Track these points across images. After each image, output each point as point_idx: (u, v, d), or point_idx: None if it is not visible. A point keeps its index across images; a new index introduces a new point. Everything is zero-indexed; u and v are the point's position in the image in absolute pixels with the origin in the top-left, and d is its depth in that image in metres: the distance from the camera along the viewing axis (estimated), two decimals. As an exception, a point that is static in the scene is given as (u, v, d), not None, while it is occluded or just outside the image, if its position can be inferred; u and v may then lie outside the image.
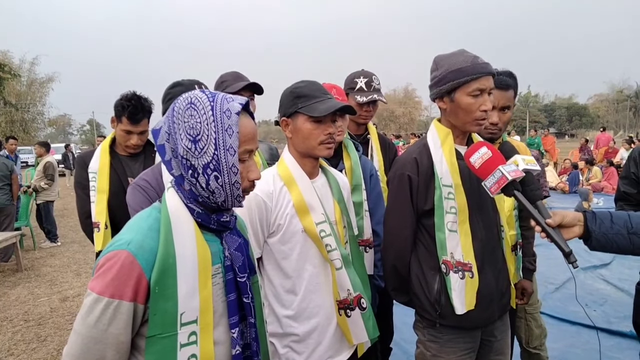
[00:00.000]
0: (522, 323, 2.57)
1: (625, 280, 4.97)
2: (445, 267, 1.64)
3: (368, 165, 2.30)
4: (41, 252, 7.30)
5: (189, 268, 1.06)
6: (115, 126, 2.49)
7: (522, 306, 2.52)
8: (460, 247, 1.63)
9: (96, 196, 2.44)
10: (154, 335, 1.01)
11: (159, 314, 1.02)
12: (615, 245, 1.42)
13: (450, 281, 1.63)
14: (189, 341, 1.05)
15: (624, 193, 2.40)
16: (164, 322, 1.02)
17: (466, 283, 1.63)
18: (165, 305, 1.02)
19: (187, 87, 1.75)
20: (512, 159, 1.51)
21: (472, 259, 1.64)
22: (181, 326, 1.04)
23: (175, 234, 1.05)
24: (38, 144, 8.59)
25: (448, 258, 1.63)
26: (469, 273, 1.63)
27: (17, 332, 4.22)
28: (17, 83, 28.40)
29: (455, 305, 1.61)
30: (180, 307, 1.03)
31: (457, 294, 1.62)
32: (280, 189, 1.65)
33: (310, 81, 1.71)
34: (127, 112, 2.40)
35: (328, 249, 1.63)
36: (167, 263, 1.02)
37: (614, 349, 3.46)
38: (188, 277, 1.05)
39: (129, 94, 2.44)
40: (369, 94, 2.51)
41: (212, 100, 1.07)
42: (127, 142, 2.49)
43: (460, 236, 1.64)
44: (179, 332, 1.04)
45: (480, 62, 1.59)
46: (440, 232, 1.64)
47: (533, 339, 2.57)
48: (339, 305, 1.68)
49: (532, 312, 2.57)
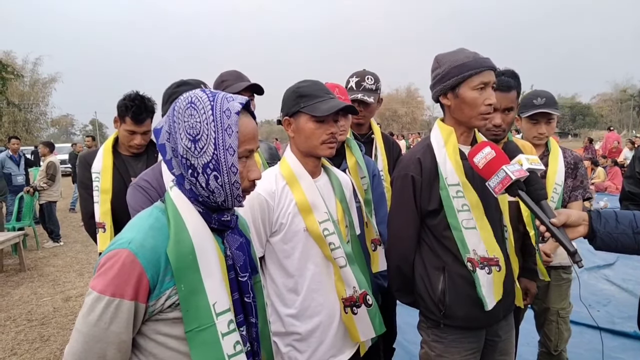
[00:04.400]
0: (553, 326, 2.56)
1: (629, 281, 4.95)
2: (471, 265, 1.62)
3: (371, 165, 2.30)
4: (44, 252, 7.33)
5: (211, 261, 1.07)
6: (119, 126, 2.49)
7: (555, 309, 2.54)
8: (483, 243, 1.63)
9: (99, 196, 2.44)
10: (192, 329, 1.03)
11: (191, 310, 1.03)
12: (620, 245, 1.41)
13: (477, 278, 1.61)
14: (230, 329, 1.07)
15: (629, 193, 2.39)
16: (198, 316, 1.04)
17: (494, 277, 1.63)
18: (196, 300, 1.04)
19: (192, 87, 1.74)
20: (516, 159, 1.50)
21: (499, 252, 1.64)
22: (217, 316, 1.06)
23: (190, 231, 1.06)
24: (42, 143, 8.63)
25: (472, 255, 1.62)
26: (496, 267, 1.63)
27: (20, 331, 4.23)
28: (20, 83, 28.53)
29: (485, 302, 1.61)
30: (211, 299, 1.05)
31: (486, 290, 1.61)
32: (283, 188, 1.65)
33: (313, 81, 1.71)
34: (131, 112, 2.40)
35: (332, 247, 1.63)
36: (187, 260, 1.03)
37: (618, 349, 3.45)
38: (212, 269, 1.07)
39: (132, 94, 2.44)
40: (353, 94, 2.47)
41: (212, 100, 1.06)
42: (130, 142, 2.49)
43: (481, 232, 1.63)
44: (216, 322, 1.05)
45: (482, 57, 1.61)
46: (457, 231, 1.63)
47: (562, 341, 2.57)
48: (345, 303, 1.68)
49: (565, 316, 2.56)
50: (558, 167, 2.45)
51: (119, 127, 2.50)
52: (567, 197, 2.51)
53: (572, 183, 2.52)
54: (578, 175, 2.53)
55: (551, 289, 2.54)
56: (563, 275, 2.56)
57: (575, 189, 2.53)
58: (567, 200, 2.52)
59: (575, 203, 2.52)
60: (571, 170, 2.52)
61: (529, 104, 2.48)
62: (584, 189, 2.54)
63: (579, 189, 2.53)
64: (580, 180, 2.54)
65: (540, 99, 2.46)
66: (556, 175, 2.43)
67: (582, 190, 2.54)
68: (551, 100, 2.47)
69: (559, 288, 2.55)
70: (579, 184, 2.53)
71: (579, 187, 2.53)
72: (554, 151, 2.51)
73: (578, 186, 2.53)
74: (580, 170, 2.54)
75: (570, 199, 2.52)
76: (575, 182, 2.53)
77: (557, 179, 2.42)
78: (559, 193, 2.41)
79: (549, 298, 2.54)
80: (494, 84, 1.63)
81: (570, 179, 2.52)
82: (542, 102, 2.45)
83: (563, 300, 2.55)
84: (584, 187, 2.55)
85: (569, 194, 2.52)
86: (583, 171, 2.56)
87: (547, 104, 2.44)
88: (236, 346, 1.08)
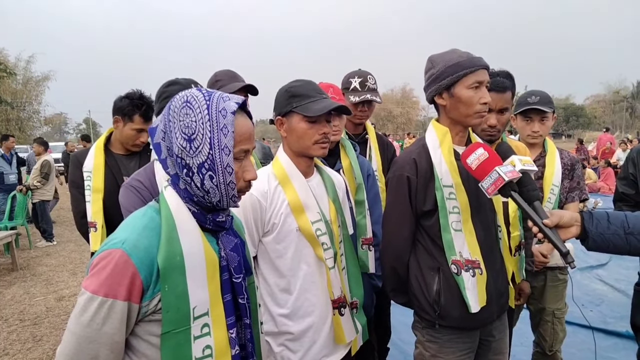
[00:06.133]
0: (549, 326, 2.56)
1: (621, 281, 4.98)
2: (456, 267, 1.63)
3: (365, 165, 2.30)
4: (37, 251, 7.27)
5: (197, 264, 1.07)
6: (122, 125, 2.46)
7: (551, 310, 2.55)
8: (467, 246, 1.64)
9: (91, 195, 2.42)
10: (169, 331, 1.03)
11: (172, 311, 1.02)
12: (612, 246, 1.42)
13: (462, 281, 1.62)
14: (202, 333, 1.07)
15: (623, 194, 2.40)
16: (177, 319, 1.03)
17: (477, 280, 1.63)
18: (177, 302, 1.03)
19: (183, 86, 1.73)
20: (509, 160, 1.51)
21: (479, 255, 1.65)
22: (194, 319, 1.05)
23: (180, 232, 1.05)
24: (36, 142, 8.51)
25: (457, 257, 1.63)
26: (478, 270, 1.63)
27: (12, 331, 4.20)
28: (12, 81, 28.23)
29: (470, 304, 1.61)
30: (192, 302, 1.04)
31: (470, 292, 1.62)
32: (275, 188, 1.65)
33: (305, 80, 1.70)
34: (142, 111, 2.41)
35: (324, 247, 1.63)
36: (174, 261, 1.02)
37: (610, 349, 3.47)
38: (197, 273, 1.06)
39: (137, 93, 2.44)
40: (362, 94, 2.49)
41: (208, 99, 1.06)
42: (136, 140, 2.48)
43: (466, 234, 1.64)
44: (192, 325, 1.05)
45: (475, 56, 1.62)
46: (446, 232, 1.63)
47: (557, 342, 2.58)
48: (334, 304, 1.68)
49: (560, 317, 2.57)
50: (555, 168, 2.46)
51: (121, 126, 2.47)
52: (563, 198, 2.52)
53: (569, 184, 2.54)
54: (574, 177, 2.55)
55: (547, 290, 2.55)
56: (559, 276, 2.56)
57: (571, 190, 2.54)
58: (564, 201, 2.53)
59: (571, 204, 2.53)
60: (568, 171, 2.53)
61: (523, 102, 2.50)
62: (580, 190, 2.56)
63: (575, 190, 2.54)
64: (577, 181, 2.55)
65: (534, 97, 2.47)
66: (553, 176, 2.44)
67: (579, 191, 2.55)
68: (545, 99, 2.48)
69: (555, 289, 2.56)
70: (575, 185, 2.55)
71: (576, 188, 2.55)
72: (551, 152, 2.52)
73: (575, 187, 2.54)
74: (576, 172, 2.55)
75: (566, 200, 2.53)
76: (572, 184, 2.54)
77: (554, 180, 2.43)
78: (556, 194, 2.42)
79: (545, 298, 2.55)
80: (487, 83, 1.64)
81: (567, 180, 2.53)
82: (536, 100, 2.46)
83: (559, 300, 2.56)
84: (581, 188, 2.56)
85: (565, 195, 2.53)
86: (579, 172, 2.57)
87: (541, 102, 2.45)
88: (205, 350, 1.07)
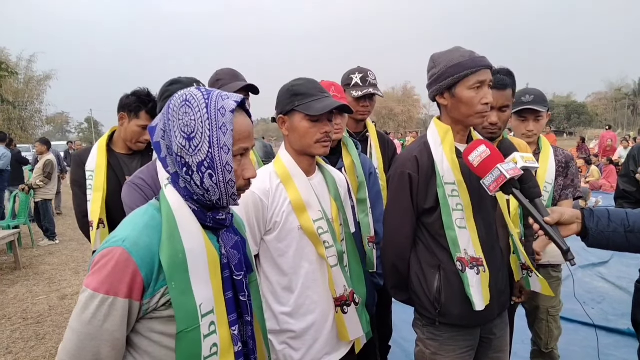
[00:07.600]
0: (544, 324, 2.56)
1: (623, 278, 4.98)
2: (461, 264, 1.63)
3: (367, 163, 2.30)
4: (39, 250, 7.30)
5: (199, 262, 1.07)
6: (127, 123, 2.45)
7: (545, 308, 2.55)
8: (471, 243, 1.64)
9: (92, 194, 2.42)
10: (182, 330, 1.03)
11: (182, 310, 1.03)
12: (612, 243, 1.42)
13: (467, 278, 1.62)
14: (210, 331, 1.08)
15: (624, 191, 2.40)
16: (187, 317, 1.04)
17: (481, 278, 1.63)
18: (185, 299, 1.04)
19: (185, 85, 1.73)
20: (511, 157, 1.51)
21: (481, 253, 1.65)
22: (202, 317, 1.06)
23: (181, 230, 1.06)
24: (39, 141, 8.51)
25: (462, 255, 1.63)
26: (482, 267, 1.63)
27: (15, 330, 4.21)
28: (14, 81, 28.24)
29: (474, 302, 1.61)
30: (197, 300, 1.05)
31: (475, 290, 1.61)
32: (277, 187, 1.65)
33: (307, 79, 1.70)
34: (148, 107, 2.41)
35: (326, 245, 1.64)
36: (177, 259, 1.03)
37: (612, 346, 3.47)
38: (199, 270, 1.07)
39: (145, 90, 2.44)
40: (364, 88, 2.51)
41: (207, 98, 1.06)
42: (140, 137, 2.47)
43: (470, 232, 1.64)
44: (200, 324, 1.06)
45: (478, 56, 1.61)
46: (450, 230, 1.63)
47: (552, 340, 2.58)
48: (336, 302, 1.68)
49: (555, 314, 2.57)
50: (549, 166, 2.45)
51: (126, 124, 2.45)
52: (557, 196, 2.52)
53: (563, 182, 2.53)
54: (569, 174, 2.54)
55: None
56: (552, 274, 2.56)
57: (566, 187, 2.54)
58: (558, 198, 2.53)
59: (565, 202, 2.52)
60: (562, 168, 2.53)
61: (517, 101, 2.48)
62: (574, 188, 2.55)
63: (569, 188, 2.54)
64: (571, 179, 2.54)
65: (528, 96, 2.46)
66: (547, 173, 2.43)
67: (573, 189, 2.55)
68: (539, 98, 2.47)
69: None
70: (569, 183, 2.54)
71: (570, 185, 2.54)
72: (545, 150, 2.51)
73: (569, 185, 2.54)
74: (571, 169, 2.55)
75: (560, 198, 2.53)
76: (566, 181, 2.54)
77: (547, 178, 2.43)
78: (549, 191, 2.41)
79: (539, 296, 2.53)
80: (490, 82, 1.62)
81: (562, 178, 2.53)
82: (530, 99, 2.45)
83: (553, 298, 2.55)
84: (575, 185, 2.55)
85: (559, 193, 2.53)
86: (574, 170, 2.56)
87: (535, 101, 2.44)
88: (212, 348, 1.08)
